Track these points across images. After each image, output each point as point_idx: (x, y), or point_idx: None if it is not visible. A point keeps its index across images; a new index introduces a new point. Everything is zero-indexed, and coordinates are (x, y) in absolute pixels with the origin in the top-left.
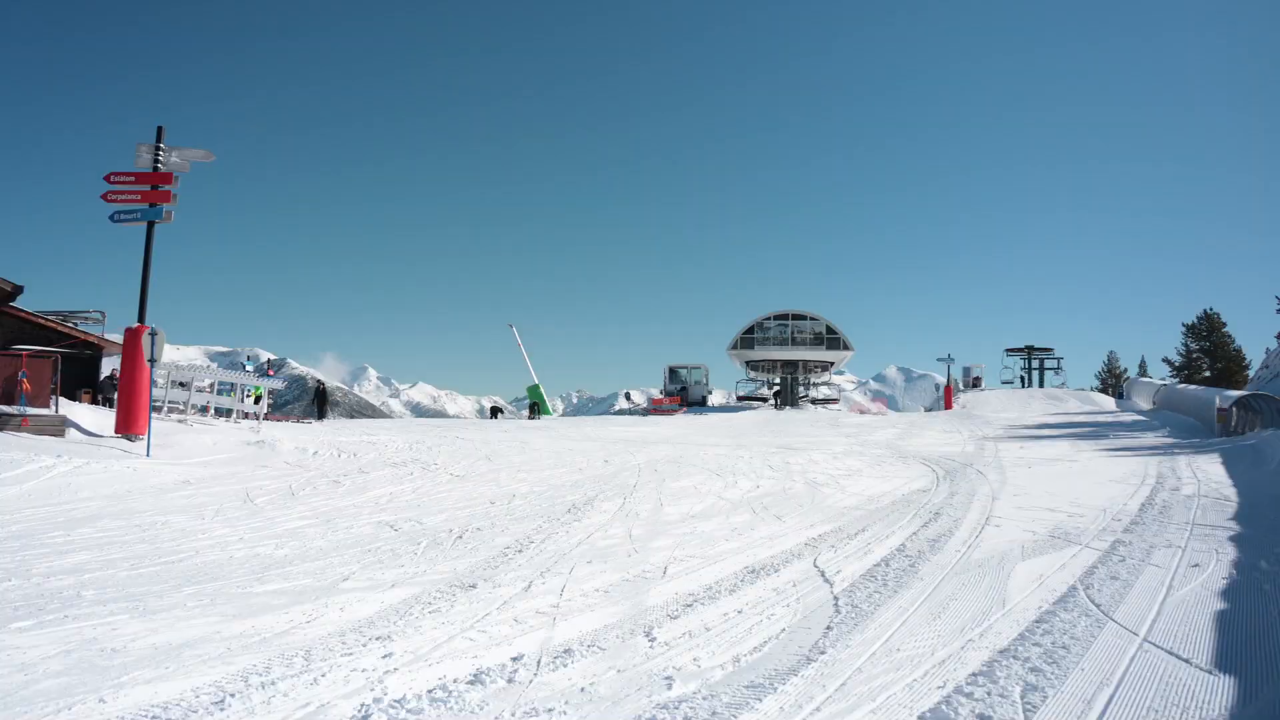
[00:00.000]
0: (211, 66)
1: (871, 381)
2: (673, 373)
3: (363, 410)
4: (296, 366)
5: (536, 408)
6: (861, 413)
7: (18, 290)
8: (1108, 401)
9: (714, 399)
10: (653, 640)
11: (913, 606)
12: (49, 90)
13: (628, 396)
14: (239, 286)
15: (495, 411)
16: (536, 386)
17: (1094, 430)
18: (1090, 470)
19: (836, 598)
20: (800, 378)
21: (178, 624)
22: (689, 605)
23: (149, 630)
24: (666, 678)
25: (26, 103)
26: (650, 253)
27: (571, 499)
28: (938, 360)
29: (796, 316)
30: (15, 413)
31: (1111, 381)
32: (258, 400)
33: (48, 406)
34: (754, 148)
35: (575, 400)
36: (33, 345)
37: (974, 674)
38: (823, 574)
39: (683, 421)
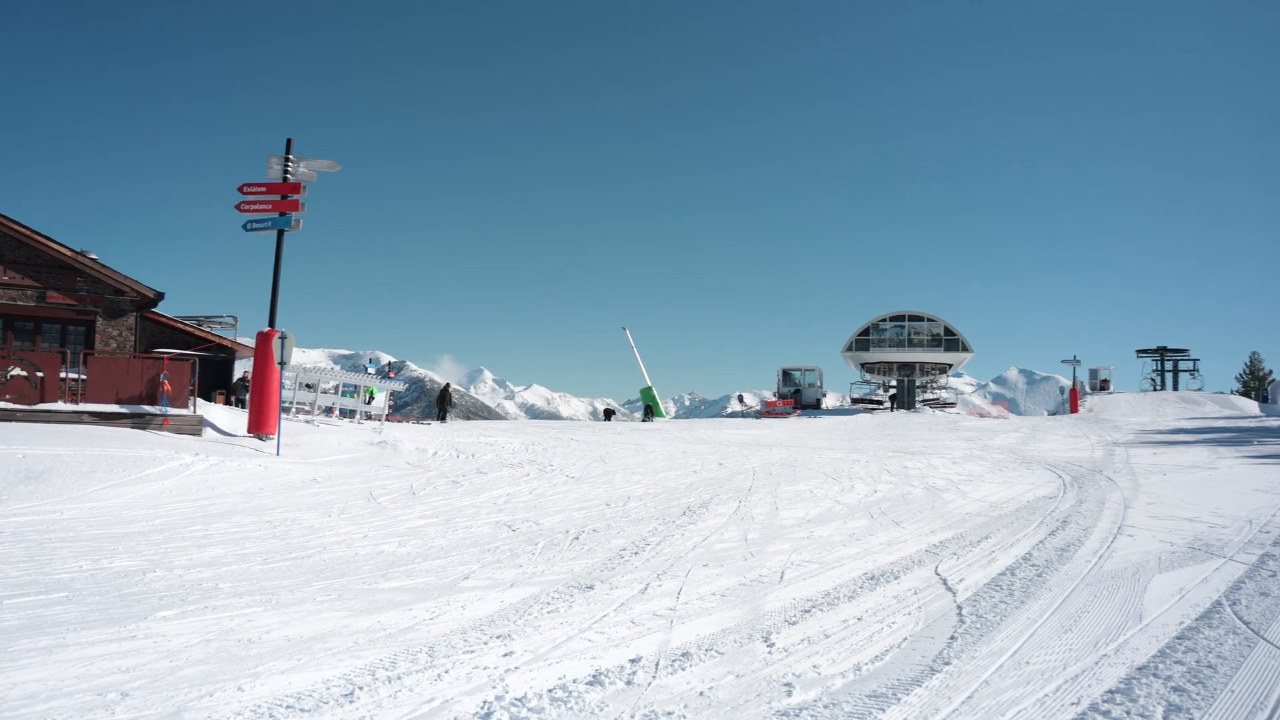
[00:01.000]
0: (337, 82)
1: (991, 384)
2: (786, 375)
3: (479, 412)
4: (415, 369)
5: (650, 410)
6: (981, 416)
7: (159, 296)
8: (1250, 406)
9: (828, 402)
10: (771, 646)
11: (1041, 618)
12: (186, 106)
13: (740, 399)
14: (361, 291)
15: (608, 414)
16: (650, 389)
17: (1235, 436)
18: (1232, 478)
19: (960, 607)
20: (917, 380)
21: (308, 617)
22: (807, 611)
23: (282, 623)
24: (786, 684)
25: (167, 119)
26: (765, 254)
27: (686, 502)
28: (1062, 362)
29: (913, 318)
30: (157, 413)
31: (1254, 384)
32: (371, 399)
33: (186, 407)
34: (873, 148)
35: (688, 403)
36: (172, 349)
37: (1111, 691)
38: (944, 582)
39: (796, 424)
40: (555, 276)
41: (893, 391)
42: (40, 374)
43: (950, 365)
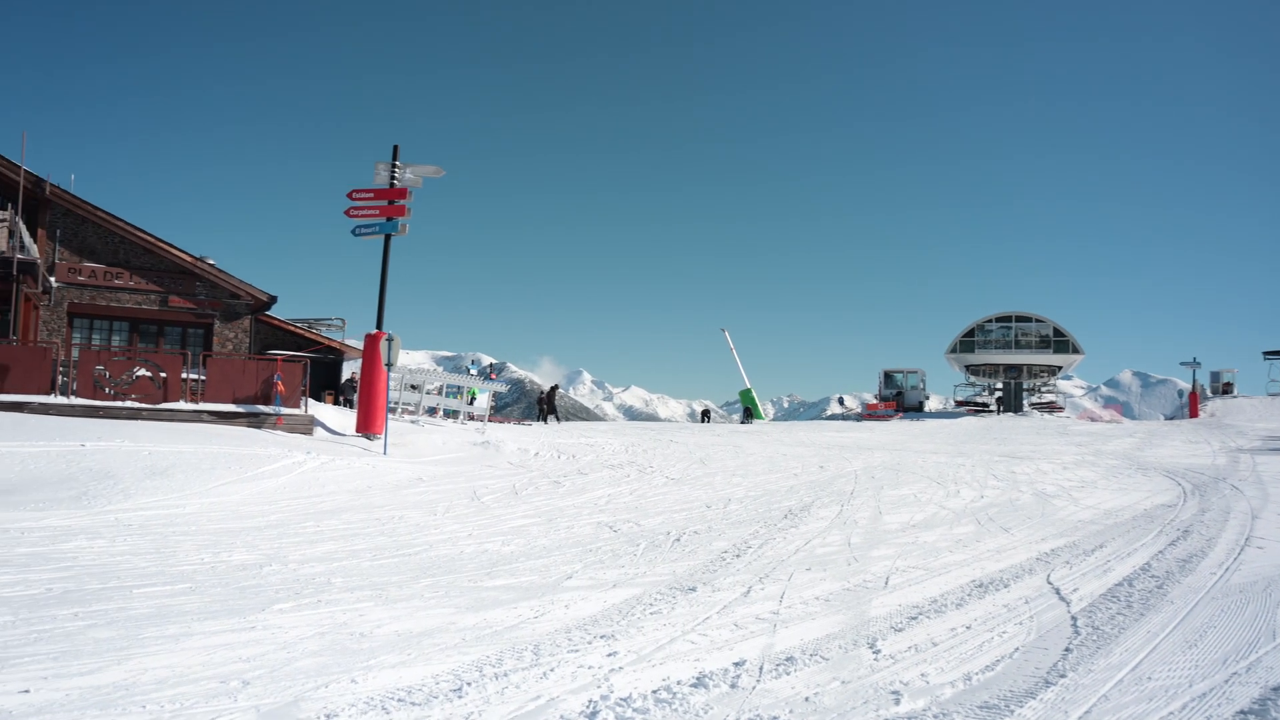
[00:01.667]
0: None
1: (1103, 387)
2: (888, 377)
3: (577, 413)
4: (515, 370)
5: (749, 412)
6: (1092, 420)
7: (272, 300)
8: None
9: (931, 405)
10: (877, 653)
11: (1163, 632)
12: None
13: (841, 401)
14: (462, 293)
15: (705, 415)
16: (749, 391)
17: None
18: None
19: (1074, 618)
20: (1024, 383)
21: (417, 613)
22: (914, 618)
23: (392, 618)
24: (894, 692)
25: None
26: (865, 254)
27: (787, 505)
28: (1181, 365)
29: (1020, 318)
30: (271, 412)
31: None
32: (473, 400)
33: (298, 407)
34: (975, 141)
35: (786, 405)
36: (284, 350)
37: (1242, 711)
38: (1057, 591)
39: (898, 427)
40: (654, 278)
41: (999, 394)
42: (164, 375)
43: (1059, 367)
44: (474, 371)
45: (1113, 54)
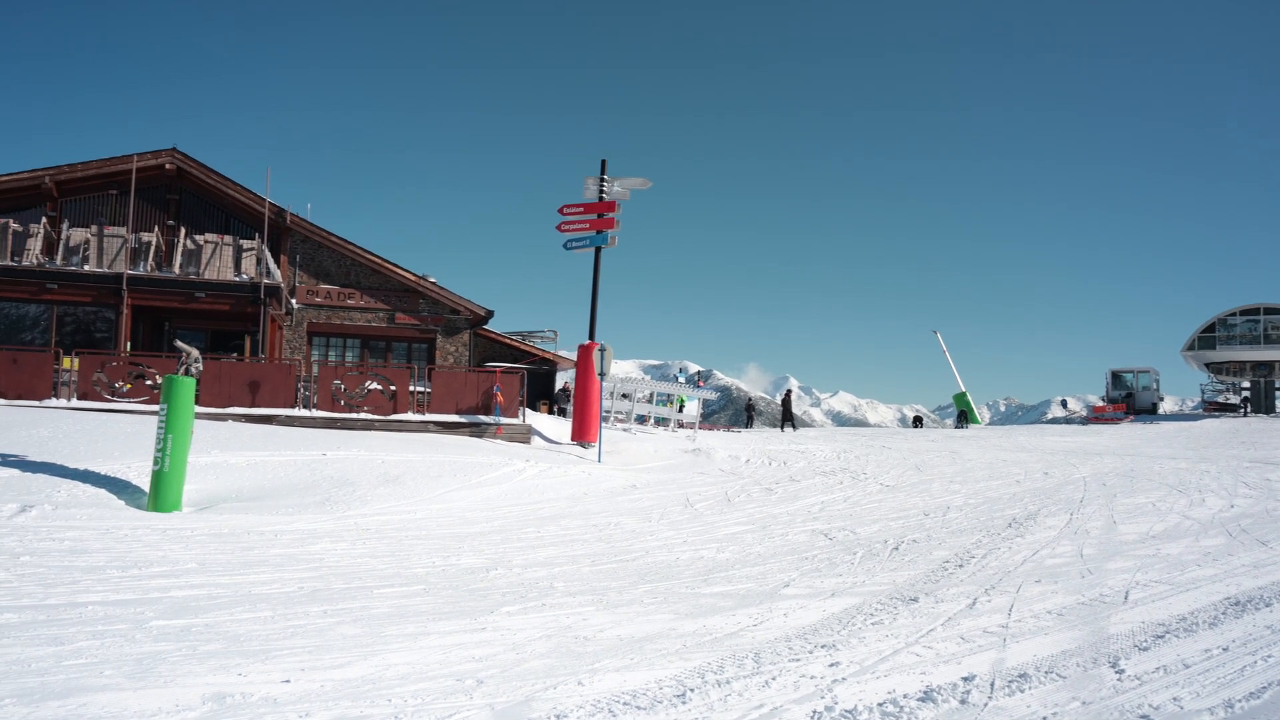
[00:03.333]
0: (650, 101)
1: None
2: (1116, 377)
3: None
4: (722, 377)
5: (964, 416)
6: None
7: (489, 314)
8: None
9: (1165, 406)
10: (1120, 672)
11: None
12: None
13: (1063, 404)
14: (668, 301)
15: (917, 420)
16: (964, 394)
17: None
18: None
19: None
20: (1276, 381)
21: (637, 619)
22: (1160, 636)
23: (613, 622)
24: (1143, 716)
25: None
26: (1087, 249)
27: (1011, 513)
28: None
29: (1270, 310)
30: (491, 422)
31: None
32: (681, 408)
33: (517, 417)
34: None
35: (1003, 408)
36: (501, 362)
37: None
38: None
39: (1129, 431)
40: (861, 281)
41: (1246, 394)
42: (393, 388)
43: None
44: (682, 379)
45: None
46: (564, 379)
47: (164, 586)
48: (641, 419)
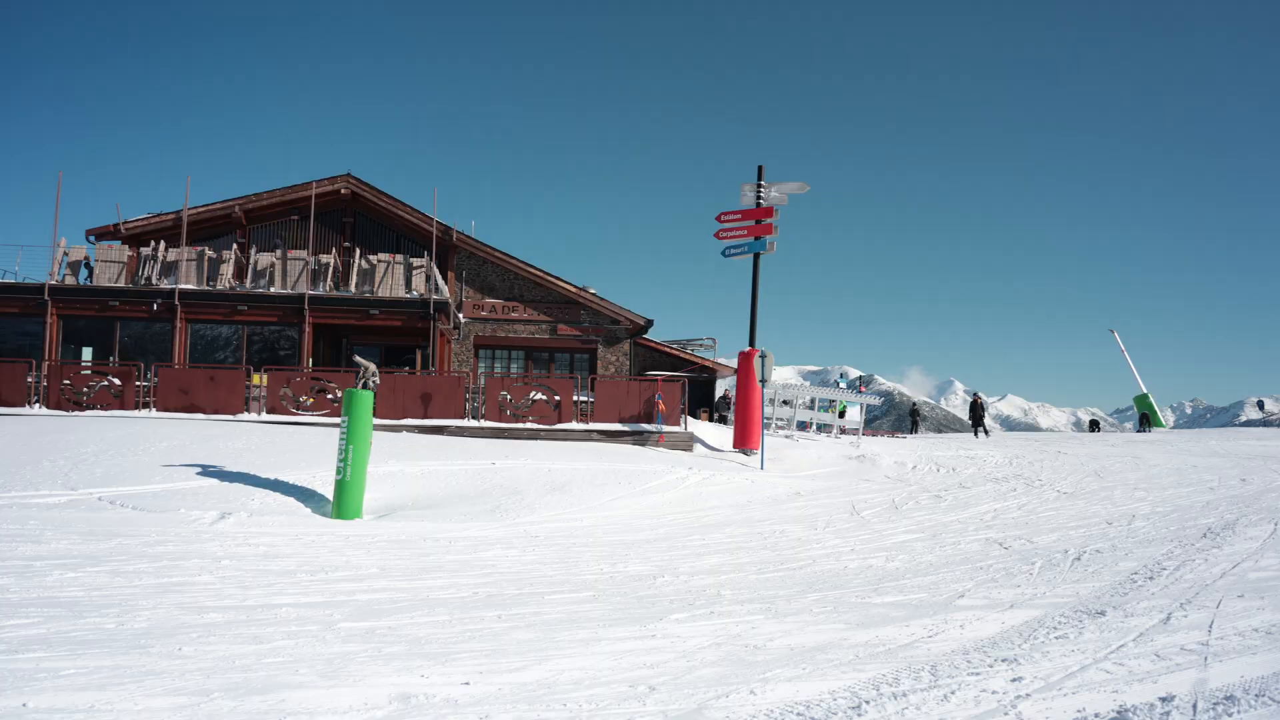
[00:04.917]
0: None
1: None
2: None
3: (950, 424)
4: (883, 382)
5: (1147, 419)
6: None
7: (648, 324)
8: None
9: None
10: None
11: None
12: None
13: (1260, 405)
14: (827, 306)
15: (1094, 425)
16: (1145, 396)
17: None
18: None
19: None
20: None
21: (807, 628)
22: None
23: (783, 631)
24: None
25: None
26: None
27: (1205, 522)
28: None
29: None
30: (654, 430)
31: None
32: (843, 414)
33: (678, 424)
34: None
35: (1189, 411)
36: (661, 371)
37: None
38: None
39: None
40: (1030, 279)
41: None
42: (557, 398)
43: None
44: (843, 385)
45: None
46: (723, 386)
47: (349, 590)
48: (803, 425)
